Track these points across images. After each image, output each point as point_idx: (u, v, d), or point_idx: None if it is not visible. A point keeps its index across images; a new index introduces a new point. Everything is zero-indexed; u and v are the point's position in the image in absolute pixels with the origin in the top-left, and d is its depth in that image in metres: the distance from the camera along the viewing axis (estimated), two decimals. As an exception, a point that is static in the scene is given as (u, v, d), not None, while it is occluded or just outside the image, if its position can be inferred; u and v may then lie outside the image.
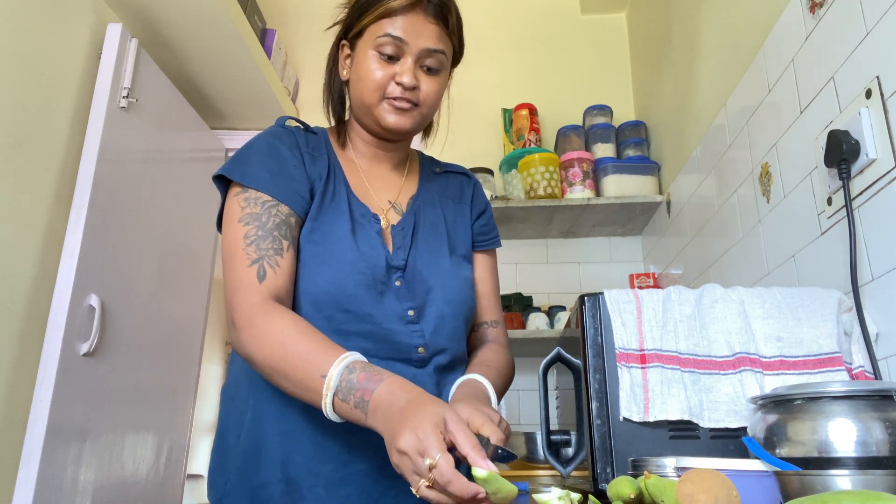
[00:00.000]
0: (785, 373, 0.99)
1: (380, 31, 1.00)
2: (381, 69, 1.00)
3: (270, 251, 0.93)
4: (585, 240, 2.61)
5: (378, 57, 1.01)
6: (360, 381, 0.78)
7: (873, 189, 1.05)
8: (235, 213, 0.96)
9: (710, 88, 1.85)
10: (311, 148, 1.06)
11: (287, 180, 0.98)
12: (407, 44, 1.00)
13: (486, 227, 1.19)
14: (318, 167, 1.04)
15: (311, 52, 2.95)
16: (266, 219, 0.95)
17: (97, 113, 1.90)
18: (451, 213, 1.14)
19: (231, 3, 2.16)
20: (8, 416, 1.62)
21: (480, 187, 1.22)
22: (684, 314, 1.05)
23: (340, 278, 0.95)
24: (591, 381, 1.03)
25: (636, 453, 0.98)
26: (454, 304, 1.04)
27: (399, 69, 1.00)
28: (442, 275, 1.04)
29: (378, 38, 1.00)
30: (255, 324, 0.87)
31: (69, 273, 1.74)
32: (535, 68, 2.86)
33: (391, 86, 1.01)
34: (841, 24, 1.17)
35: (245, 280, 0.90)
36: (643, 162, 2.38)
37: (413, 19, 1.00)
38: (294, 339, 0.84)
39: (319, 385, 0.80)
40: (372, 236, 1.01)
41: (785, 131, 1.38)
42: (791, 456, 0.77)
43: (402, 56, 1.01)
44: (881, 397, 0.76)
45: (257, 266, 0.91)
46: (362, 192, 1.07)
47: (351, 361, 0.81)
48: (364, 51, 1.02)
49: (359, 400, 0.77)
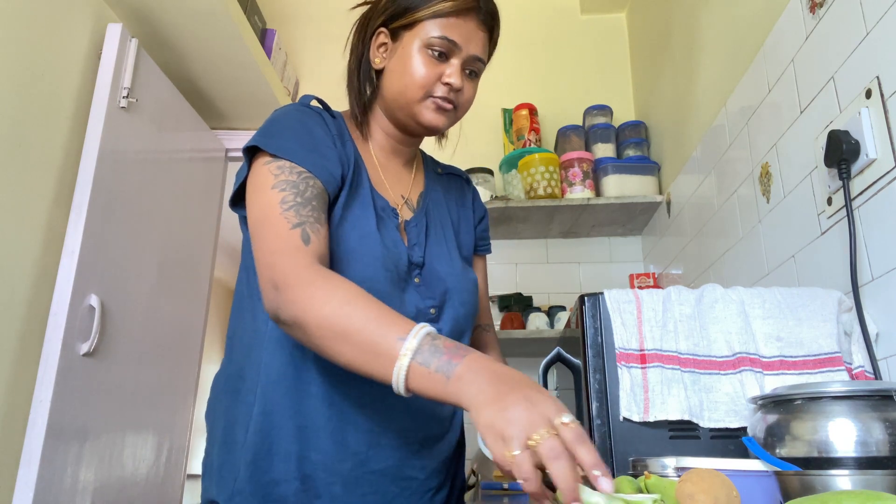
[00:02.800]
0: (785, 373, 0.99)
1: (434, 30, 0.98)
2: (431, 67, 0.98)
3: (311, 219, 0.86)
4: (585, 240, 2.61)
5: (429, 54, 0.98)
6: (448, 348, 0.69)
7: (873, 189, 1.05)
8: (268, 180, 0.89)
9: (710, 88, 1.85)
10: (338, 131, 1.02)
11: (320, 158, 0.93)
12: (459, 48, 0.99)
13: (485, 232, 1.21)
14: (347, 152, 1.00)
15: (311, 52, 2.95)
16: (304, 188, 0.88)
17: (97, 113, 1.90)
18: (455, 215, 1.14)
19: (231, 3, 2.16)
20: (8, 416, 1.62)
21: (478, 193, 1.24)
22: (684, 314, 1.05)
23: (371, 274, 0.91)
24: (591, 381, 1.04)
25: (636, 453, 0.98)
26: (467, 305, 1.03)
27: (448, 70, 0.99)
28: (456, 276, 1.03)
29: (432, 38, 0.98)
30: (313, 281, 0.78)
31: (69, 273, 1.74)
32: (535, 68, 2.86)
33: (437, 85, 0.99)
34: (841, 24, 1.17)
35: (291, 242, 0.82)
36: (643, 162, 2.38)
37: (467, 24, 1.00)
38: (363, 300, 0.75)
39: (394, 348, 0.70)
40: (393, 231, 0.98)
41: (785, 131, 1.38)
42: (791, 456, 0.77)
43: (451, 57, 1.00)
44: (881, 397, 0.76)
45: (301, 230, 0.84)
46: (379, 184, 1.04)
47: (433, 330, 0.72)
48: (411, 45, 0.99)
49: (444, 363, 0.67)
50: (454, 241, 1.09)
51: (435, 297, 0.99)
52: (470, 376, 0.66)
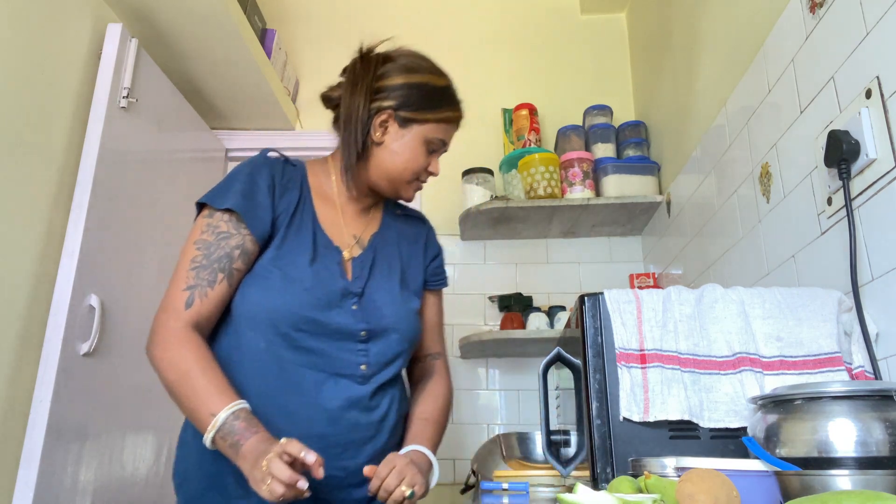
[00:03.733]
0: (785, 373, 0.99)
1: (438, 133, 1.19)
2: (424, 158, 1.20)
3: (205, 282, 1.07)
4: (585, 240, 2.61)
5: (426, 149, 1.19)
6: (240, 429, 0.96)
7: (873, 189, 1.05)
8: (196, 234, 1.11)
9: (710, 88, 1.85)
10: (285, 180, 1.17)
11: (254, 204, 1.11)
12: (445, 146, 1.24)
13: (438, 269, 1.35)
14: (287, 200, 1.15)
15: (311, 52, 2.95)
16: (213, 250, 1.08)
17: (97, 113, 1.90)
18: (406, 252, 1.28)
19: (231, 3, 2.16)
20: (8, 416, 1.62)
21: (434, 233, 1.37)
22: (684, 314, 1.05)
23: (297, 301, 1.08)
24: (591, 381, 1.04)
25: (636, 453, 0.98)
26: (401, 331, 1.17)
27: (433, 162, 1.22)
28: (393, 304, 1.18)
29: (435, 138, 1.19)
30: (168, 349, 1.04)
31: (69, 273, 1.74)
32: (535, 68, 2.86)
33: (423, 172, 1.22)
34: (841, 24, 1.17)
35: (175, 303, 1.06)
36: (643, 162, 2.38)
37: (455, 127, 1.24)
38: (196, 375, 1.01)
39: (207, 421, 0.97)
40: (331, 266, 1.14)
41: (785, 131, 1.38)
42: (791, 456, 0.77)
43: (438, 152, 1.23)
44: (881, 397, 0.76)
45: (189, 293, 1.06)
46: (331, 225, 1.20)
47: (237, 409, 0.98)
48: (416, 138, 1.18)
49: (234, 443, 0.96)
50: (398, 274, 1.23)
51: (368, 321, 1.13)
52: (248, 458, 0.94)
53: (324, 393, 1.08)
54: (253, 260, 1.11)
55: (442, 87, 1.20)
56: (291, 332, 1.07)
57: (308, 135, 2.82)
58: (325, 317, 1.09)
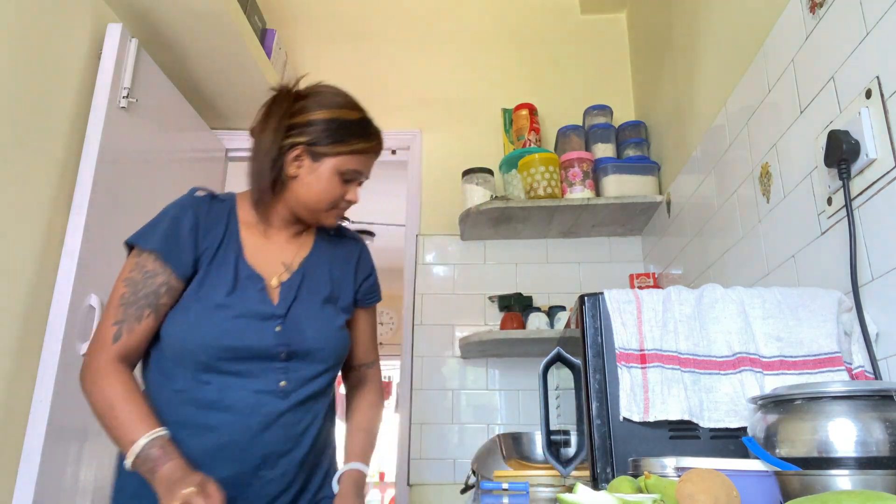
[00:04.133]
0: (785, 373, 0.99)
1: (350, 164, 1.23)
2: (340, 188, 1.24)
3: (132, 318, 1.15)
4: (585, 240, 2.61)
5: (340, 179, 1.23)
6: (156, 456, 1.05)
7: (873, 189, 1.05)
8: (125, 272, 1.19)
9: (710, 88, 1.85)
10: (210, 218, 1.23)
11: (177, 245, 1.18)
12: (362, 175, 1.27)
13: (370, 288, 1.39)
14: (212, 237, 1.22)
15: (311, 52, 2.95)
16: (140, 287, 1.16)
17: (97, 113, 1.90)
18: (337, 273, 1.33)
19: (231, 3, 2.16)
20: (8, 416, 1.62)
21: (367, 252, 1.41)
22: (684, 314, 1.05)
23: (214, 332, 1.15)
24: (591, 381, 1.04)
25: (636, 453, 0.98)
26: (322, 350, 1.23)
27: (351, 191, 1.26)
28: (317, 324, 1.23)
29: (348, 169, 1.23)
30: (96, 381, 1.12)
31: (69, 273, 1.74)
32: (535, 68, 2.86)
33: (341, 201, 1.26)
34: (841, 24, 1.17)
35: (104, 338, 1.14)
36: (643, 162, 2.38)
37: (370, 159, 1.28)
38: (120, 406, 1.10)
39: (127, 448, 1.07)
40: (252, 293, 1.20)
41: (785, 131, 1.38)
42: (791, 456, 0.77)
43: (355, 181, 1.27)
44: (881, 397, 0.76)
45: (117, 328, 1.14)
46: (258, 254, 1.25)
47: (155, 437, 1.07)
48: (327, 170, 1.22)
49: (150, 468, 1.05)
50: (328, 293, 1.29)
51: (290, 343, 1.19)
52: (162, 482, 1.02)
53: (244, 409, 1.15)
54: (178, 295, 1.19)
55: (354, 120, 1.24)
56: (212, 360, 1.15)
57: (308, 135, 2.82)
58: (242, 343, 1.16)
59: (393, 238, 5.22)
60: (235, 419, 1.14)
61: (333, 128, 1.21)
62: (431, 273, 2.60)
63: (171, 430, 1.12)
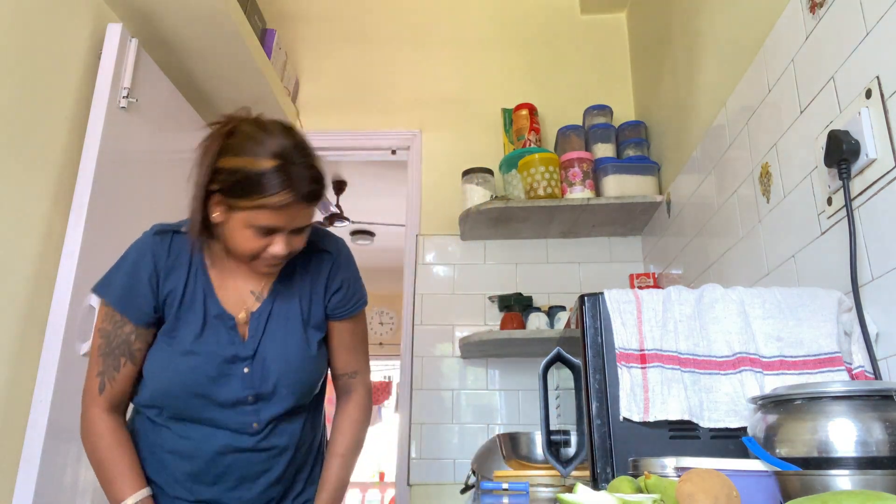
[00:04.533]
0: (785, 373, 0.99)
1: (259, 218, 1.10)
2: (257, 241, 1.12)
3: (111, 368, 1.18)
4: (585, 240, 2.61)
5: (254, 233, 1.12)
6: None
7: (873, 189, 1.05)
8: (98, 321, 1.20)
9: (710, 88, 1.85)
10: (171, 259, 1.20)
11: (135, 299, 1.17)
12: (283, 228, 1.13)
13: (343, 300, 1.30)
14: (175, 278, 1.20)
15: (311, 52, 2.95)
16: (113, 338, 1.18)
17: (97, 113, 1.90)
18: (307, 289, 1.27)
19: (231, 3, 2.16)
20: (8, 416, 1.62)
21: (342, 262, 1.31)
22: (684, 314, 1.05)
23: (183, 379, 1.16)
24: (591, 381, 1.04)
25: (636, 453, 0.98)
26: (290, 385, 1.21)
27: (273, 245, 1.13)
28: (284, 357, 1.21)
29: (258, 224, 1.10)
30: (88, 436, 1.18)
31: (69, 273, 1.74)
32: (535, 68, 2.86)
33: (264, 253, 1.14)
34: (841, 24, 1.17)
35: (91, 389, 1.19)
36: (643, 162, 2.38)
37: (289, 210, 1.10)
38: (107, 464, 1.16)
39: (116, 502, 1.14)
40: (221, 335, 1.19)
41: (785, 131, 1.38)
42: (791, 456, 0.77)
43: (276, 233, 1.13)
44: (881, 397, 0.76)
45: (100, 379, 1.18)
46: (226, 286, 1.23)
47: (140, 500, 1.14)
48: (239, 223, 1.11)
49: None
50: (299, 317, 1.25)
51: (257, 386, 1.19)
52: None
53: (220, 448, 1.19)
54: (152, 336, 1.20)
55: (259, 172, 1.07)
56: (181, 406, 1.18)
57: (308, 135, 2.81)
58: (211, 391, 1.17)
59: (393, 238, 5.22)
60: (211, 456, 1.18)
61: (237, 179, 1.09)
62: (431, 273, 2.60)
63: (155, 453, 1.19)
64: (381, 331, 6.53)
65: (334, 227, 4.65)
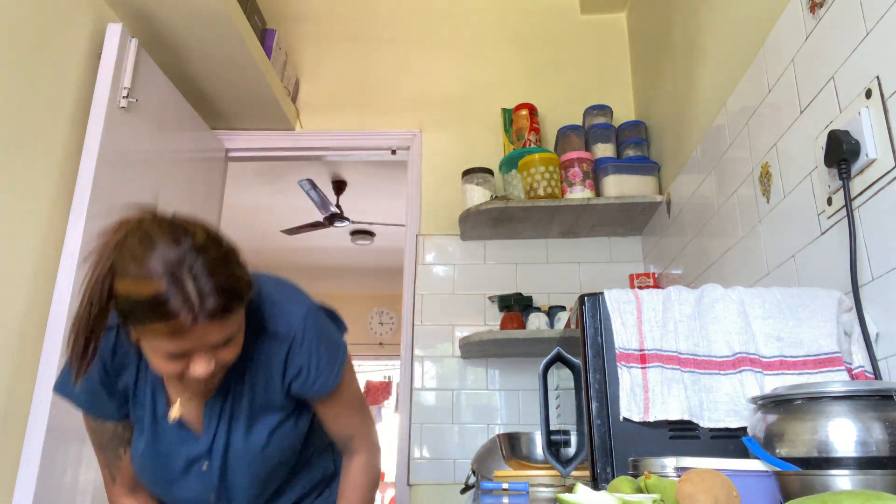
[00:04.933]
0: (785, 373, 0.99)
1: (160, 346, 0.94)
2: (171, 365, 0.97)
3: (113, 459, 1.18)
4: (585, 240, 2.61)
5: (160, 357, 0.96)
6: None
7: (873, 189, 1.05)
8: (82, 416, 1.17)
9: (710, 88, 1.85)
10: (119, 354, 1.09)
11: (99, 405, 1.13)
12: (192, 351, 0.95)
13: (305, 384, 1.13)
14: (126, 376, 1.12)
15: (311, 52, 2.95)
16: (101, 434, 1.17)
17: (97, 113, 1.90)
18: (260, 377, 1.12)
19: (231, 3, 2.16)
20: (8, 416, 1.62)
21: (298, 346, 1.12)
22: (684, 314, 1.05)
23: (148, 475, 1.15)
24: (591, 381, 1.03)
25: (636, 453, 0.98)
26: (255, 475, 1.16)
27: (192, 363, 0.97)
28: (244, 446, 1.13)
29: (161, 350, 0.94)
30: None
31: (69, 273, 1.74)
32: (535, 68, 2.86)
33: (187, 374, 0.98)
34: (841, 24, 1.17)
35: (106, 480, 1.20)
36: (643, 162, 2.38)
37: (193, 332, 0.92)
38: None
39: None
40: (174, 435, 1.13)
41: (785, 131, 1.38)
42: (791, 456, 0.77)
43: (192, 355, 0.96)
44: (881, 397, 0.76)
45: (108, 471, 1.19)
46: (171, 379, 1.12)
47: None
48: (146, 347, 0.97)
49: None
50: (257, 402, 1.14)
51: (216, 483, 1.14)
52: None
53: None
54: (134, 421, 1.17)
55: (146, 298, 0.89)
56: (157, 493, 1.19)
57: (308, 135, 2.82)
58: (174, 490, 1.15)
59: (393, 238, 5.22)
60: None
61: (128, 306, 0.92)
62: (431, 273, 2.60)
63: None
64: (381, 331, 6.53)
65: (334, 226, 4.65)
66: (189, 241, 0.94)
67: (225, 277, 0.94)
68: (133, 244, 0.94)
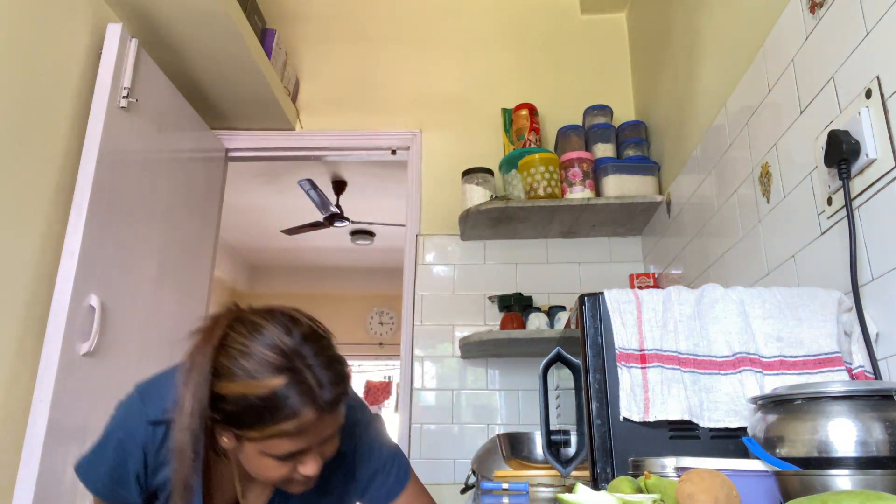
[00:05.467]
0: (785, 373, 0.99)
1: (275, 448, 0.89)
2: (280, 469, 0.92)
3: None
4: (585, 240, 2.61)
5: (273, 461, 0.91)
6: None
7: (873, 189, 1.05)
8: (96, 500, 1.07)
9: (710, 88, 1.85)
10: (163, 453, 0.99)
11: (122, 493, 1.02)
12: (310, 447, 0.92)
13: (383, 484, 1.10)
14: (164, 472, 1.00)
15: (311, 52, 2.95)
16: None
17: (97, 113, 1.90)
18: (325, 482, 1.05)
19: (231, 3, 2.16)
20: (8, 416, 1.62)
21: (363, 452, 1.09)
22: (684, 314, 1.05)
23: None
24: (591, 381, 1.03)
25: (636, 453, 0.98)
26: None
27: (302, 466, 0.93)
28: None
29: (276, 453, 0.90)
30: None
31: (69, 273, 1.74)
32: (535, 68, 2.86)
33: (295, 475, 0.94)
34: (841, 24, 1.17)
35: None
36: (643, 162, 2.38)
37: (315, 427, 0.89)
38: None
39: None
40: None
41: (785, 131, 1.38)
42: (791, 456, 0.77)
43: (305, 454, 0.93)
44: (881, 397, 0.76)
45: None
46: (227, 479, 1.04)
47: None
48: (253, 453, 0.92)
49: None
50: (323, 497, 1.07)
51: None
52: None
53: None
54: None
55: (266, 397, 0.86)
56: None
57: (308, 135, 2.82)
58: None
59: (393, 238, 5.23)
60: None
61: (240, 409, 0.88)
62: (431, 273, 2.60)
63: None
64: (381, 331, 6.53)
65: (334, 226, 4.65)
66: (301, 324, 0.91)
67: (338, 365, 0.92)
68: (240, 339, 0.90)
